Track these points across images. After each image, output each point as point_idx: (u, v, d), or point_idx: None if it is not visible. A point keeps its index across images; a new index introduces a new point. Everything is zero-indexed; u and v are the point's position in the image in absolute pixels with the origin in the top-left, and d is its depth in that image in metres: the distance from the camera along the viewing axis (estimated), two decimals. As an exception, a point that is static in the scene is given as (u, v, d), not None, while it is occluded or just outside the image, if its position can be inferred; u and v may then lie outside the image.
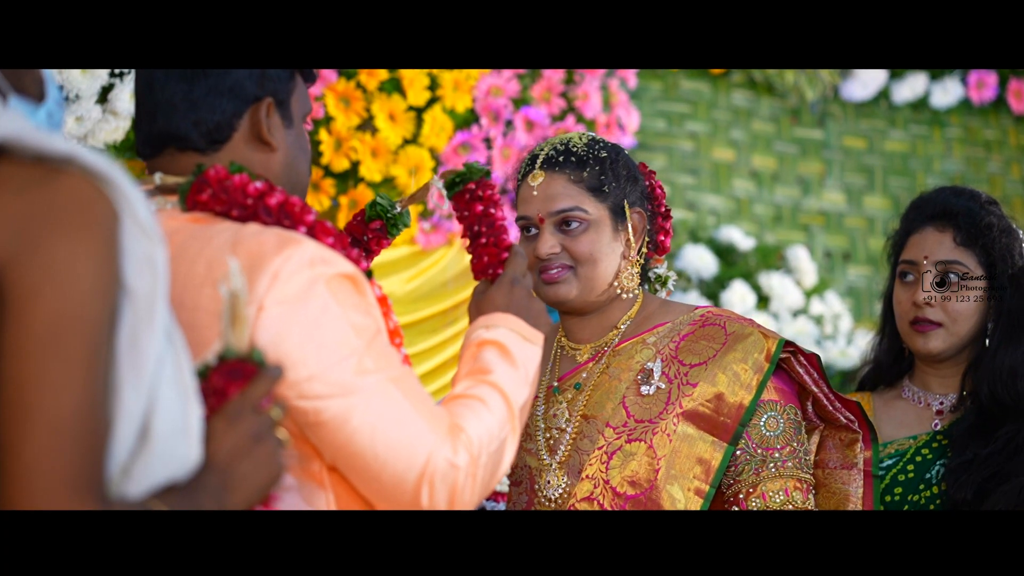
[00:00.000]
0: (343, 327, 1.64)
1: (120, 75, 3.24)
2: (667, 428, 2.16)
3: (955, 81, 5.09)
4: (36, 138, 1.32)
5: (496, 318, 1.85)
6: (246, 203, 1.71)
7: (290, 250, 1.63)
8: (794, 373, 2.24)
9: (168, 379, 1.36)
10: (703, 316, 2.26)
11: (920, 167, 5.21)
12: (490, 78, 3.86)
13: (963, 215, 2.54)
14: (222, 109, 1.77)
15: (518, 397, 1.78)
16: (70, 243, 1.29)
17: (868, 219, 5.06)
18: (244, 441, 1.43)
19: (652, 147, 4.74)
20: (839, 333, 4.62)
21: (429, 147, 3.80)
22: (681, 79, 4.80)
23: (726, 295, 4.47)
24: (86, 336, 1.29)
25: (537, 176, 2.23)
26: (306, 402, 1.64)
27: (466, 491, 1.68)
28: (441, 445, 1.67)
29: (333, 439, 1.66)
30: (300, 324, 1.62)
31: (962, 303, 2.52)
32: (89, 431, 1.29)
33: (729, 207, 4.86)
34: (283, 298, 1.62)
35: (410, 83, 3.73)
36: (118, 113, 3.25)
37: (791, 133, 5.02)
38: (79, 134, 3.23)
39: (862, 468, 2.26)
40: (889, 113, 5.16)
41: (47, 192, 1.30)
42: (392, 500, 1.68)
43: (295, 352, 1.62)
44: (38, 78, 1.49)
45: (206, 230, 1.70)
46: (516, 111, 3.92)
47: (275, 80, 1.80)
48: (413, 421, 1.67)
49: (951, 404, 2.57)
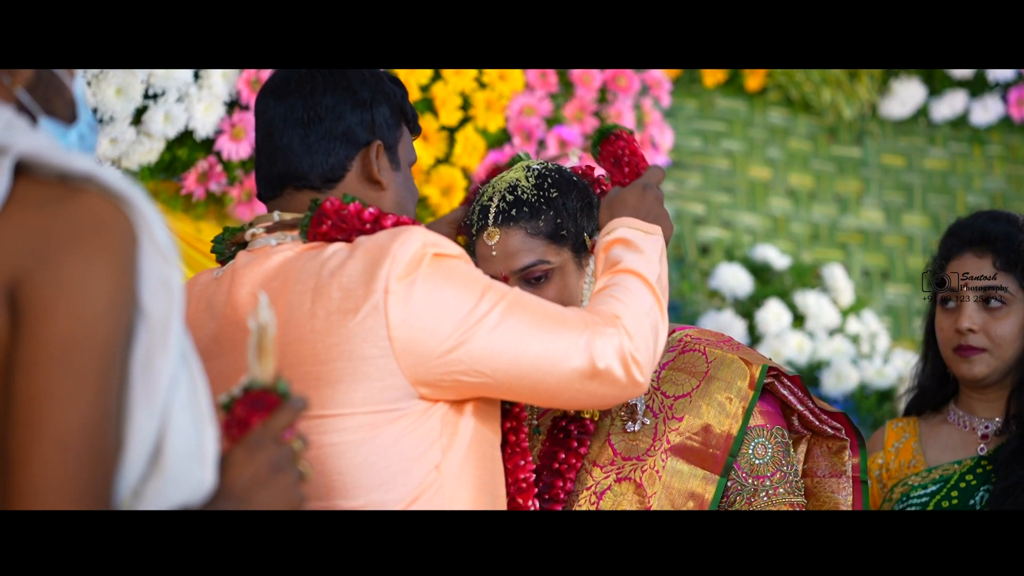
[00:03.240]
0: (460, 282, 1.83)
1: (154, 97, 3.28)
2: (655, 465, 2.13)
3: (995, 98, 5.04)
4: (57, 156, 1.34)
5: (614, 223, 2.07)
6: (364, 228, 1.88)
7: (404, 236, 1.82)
8: (778, 394, 2.21)
9: (182, 402, 1.37)
10: (681, 341, 2.23)
11: (960, 185, 5.16)
12: (522, 98, 3.87)
13: (1001, 240, 2.54)
14: (336, 152, 1.95)
15: (650, 273, 1.99)
16: (86, 261, 1.30)
17: (907, 237, 5.02)
18: (264, 471, 1.43)
19: (688, 166, 4.72)
20: (876, 352, 4.58)
21: (461, 167, 3.80)
22: (716, 97, 4.79)
23: (761, 314, 4.44)
24: (98, 354, 1.30)
25: (493, 234, 2.14)
26: (454, 354, 1.81)
27: (635, 353, 1.88)
28: (595, 326, 1.87)
29: (494, 370, 1.83)
30: (422, 294, 1.80)
31: (1005, 327, 2.52)
32: (97, 449, 1.29)
33: (765, 226, 4.83)
34: (401, 276, 1.79)
35: (442, 103, 3.74)
36: (152, 135, 3.28)
37: (828, 151, 4.99)
38: (113, 156, 3.26)
39: (851, 475, 2.23)
40: (928, 131, 5.12)
41: (66, 210, 1.31)
42: (576, 389, 1.87)
43: (427, 319, 1.80)
44: (69, 100, 1.51)
45: (322, 252, 1.87)
46: (549, 130, 3.92)
47: (383, 127, 1.98)
48: (560, 318, 1.87)
49: (996, 428, 2.57)
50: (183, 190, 3.44)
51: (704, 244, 4.69)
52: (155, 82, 3.25)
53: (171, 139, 3.36)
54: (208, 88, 3.34)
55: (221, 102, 3.38)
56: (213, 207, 3.53)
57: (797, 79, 4.80)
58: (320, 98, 1.95)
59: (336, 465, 1.80)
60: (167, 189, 3.46)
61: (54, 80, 1.48)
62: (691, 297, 4.49)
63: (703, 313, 4.46)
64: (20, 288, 1.30)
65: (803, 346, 4.44)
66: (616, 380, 1.88)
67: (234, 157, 3.42)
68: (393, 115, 2.00)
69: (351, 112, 1.96)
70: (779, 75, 4.78)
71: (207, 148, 3.43)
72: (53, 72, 1.48)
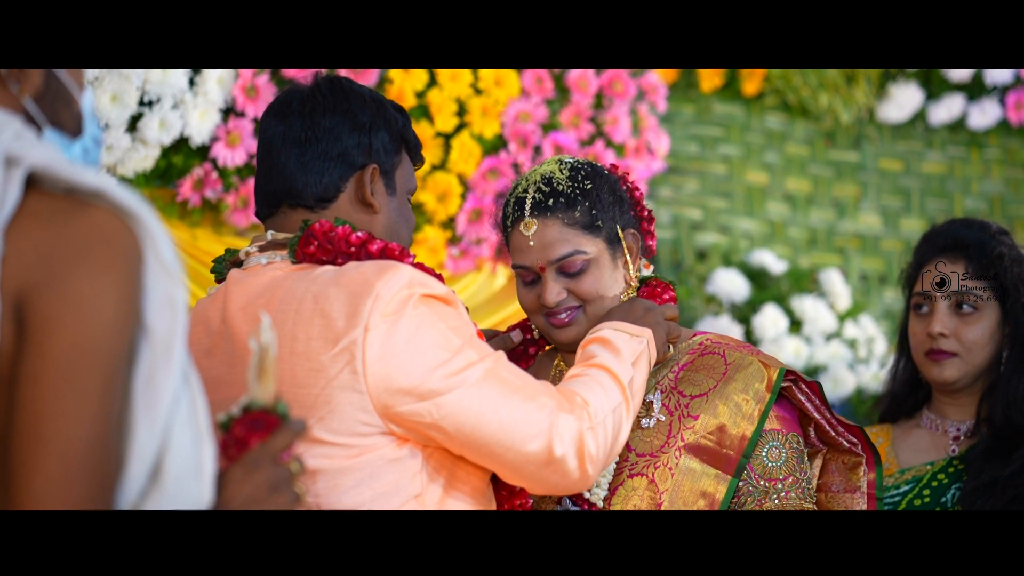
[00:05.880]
0: (442, 331, 1.83)
1: (149, 104, 3.28)
2: (669, 462, 2.14)
3: (993, 102, 5.04)
4: (67, 170, 1.34)
5: (602, 324, 2.11)
6: (349, 251, 1.90)
7: (390, 274, 1.82)
8: (795, 400, 2.22)
9: (183, 420, 1.37)
10: (702, 344, 2.25)
11: (958, 189, 5.16)
12: (518, 103, 3.87)
13: (974, 246, 2.57)
14: (330, 172, 1.96)
15: (623, 373, 2.00)
16: (93, 276, 1.30)
17: (905, 241, 5.01)
18: (260, 491, 1.44)
19: (685, 171, 4.72)
20: (873, 357, 4.58)
21: (457, 173, 3.81)
22: (713, 102, 4.79)
23: (758, 319, 4.44)
24: (102, 369, 1.30)
25: (530, 224, 2.17)
26: (422, 404, 1.81)
27: (591, 446, 1.88)
28: (561, 409, 1.87)
29: (457, 431, 1.82)
30: (402, 335, 1.80)
31: (976, 332, 2.56)
32: (99, 463, 1.30)
33: (763, 230, 4.83)
34: (385, 314, 1.80)
35: (438, 109, 3.74)
36: (147, 142, 3.29)
37: (826, 155, 4.99)
38: (109, 163, 3.27)
39: (865, 491, 2.24)
40: (926, 135, 5.12)
41: (74, 224, 1.32)
42: (527, 471, 1.87)
43: (403, 361, 1.80)
44: (77, 113, 1.51)
45: (310, 273, 1.88)
46: (545, 136, 3.92)
47: (380, 151, 1.99)
48: (530, 393, 1.87)
49: (967, 430, 2.60)
50: (179, 197, 3.44)
51: (701, 249, 4.69)
52: (150, 89, 3.25)
53: (166, 146, 3.37)
54: (203, 95, 3.35)
55: (216, 109, 3.38)
56: (209, 214, 3.54)
57: (794, 84, 4.79)
58: (319, 119, 1.97)
59: (313, 488, 1.81)
60: (163, 196, 3.47)
61: (63, 91, 1.49)
62: (688, 302, 4.48)
63: (700, 318, 4.45)
64: (27, 301, 1.30)
65: (800, 351, 4.44)
66: (568, 472, 1.88)
67: (229, 164, 3.42)
68: (393, 141, 2.02)
69: (348, 134, 1.98)
70: (776, 80, 4.77)
71: (202, 155, 3.44)
72: (62, 83, 1.48)
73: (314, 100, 1.99)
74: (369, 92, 2.03)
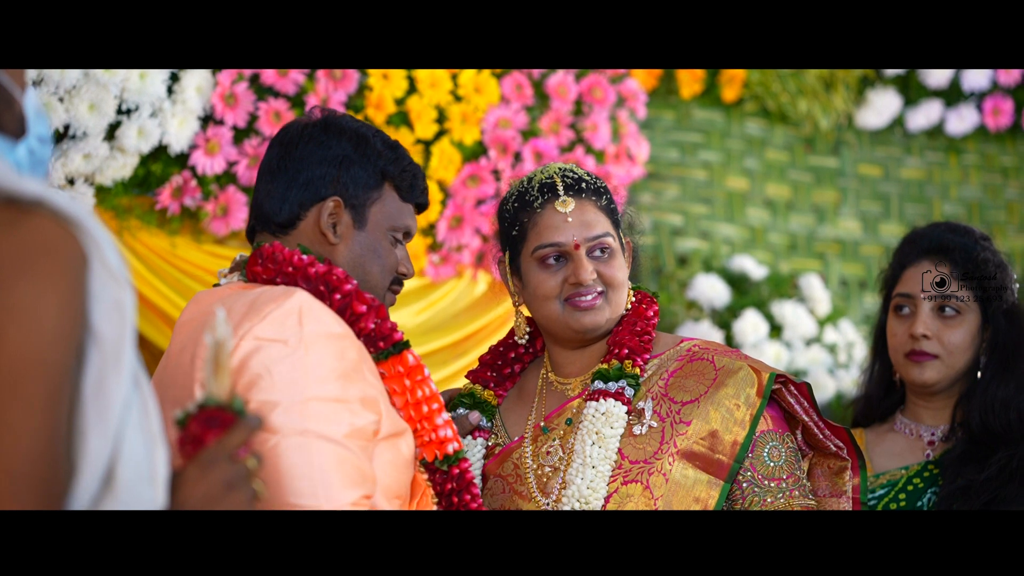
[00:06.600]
0: (300, 375, 1.82)
1: (128, 112, 3.26)
2: (663, 468, 2.14)
3: (970, 108, 5.06)
4: (7, 179, 1.32)
5: None
6: (287, 270, 1.94)
7: (285, 300, 1.85)
8: (784, 403, 2.23)
9: (134, 424, 1.36)
10: (689, 351, 2.25)
11: (936, 194, 5.18)
12: (498, 110, 3.86)
13: (959, 250, 2.58)
14: (291, 199, 2.03)
15: None
16: (35, 285, 1.28)
17: (884, 246, 5.02)
18: (216, 489, 1.43)
19: (665, 177, 4.73)
20: (853, 361, 4.58)
21: (438, 180, 3.80)
22: (693, 108, 4.79)
23: (738, 324, 4.44)
24: (47, 380, 1.28)
25: (568, 202, 2.22)
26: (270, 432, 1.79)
27: None
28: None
29: (272, 470, 1.79)
30: (263, 358, 1.81)
31: (958, 336, 2.56)
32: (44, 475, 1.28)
33: (743, 236, 4.84)
34: (260, 335, 1.83)
35: (418, 116, 3.74)
36: (126, 150, 3.27)
37: (805, 161, 5.00)
38: (87, 171, 3.25)
39: (851, 496, 2.25)
40: (904, 141, 5.13)
41: (15, 233, 1.29)
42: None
43: (254, 378, 1.81)
44: (18, 114, 1.48)
45: (242, 291, 1.94)
46: (525, 143, 3.91)
47: (349, 185, 2.04)
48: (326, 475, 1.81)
49: (942, 434, 2.60)
50: (158, 205, 3.43)
51: (682, 255, 4.69)
52: (128, 97, 3.24)
53: (145, 154, 3.35)
54: (182, 103, 3.33)
55: (195, 116, 3.37)
56: (188, 222, 3.52)
57: (773, 90, 4.80)
58: (293, 149, 2.05)
59: None
60: (141, 204, 3.45)
61: (2, 93, 1.46)
62: (669, 308, 4.48)
63: (681, 323, 4.45)
64: None
65: (780, 356, 4.44)
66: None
67: (208, 172, 3.41)
68: (371, 177, 2.05)
69: (316, 165, 2.04)
70: (755, 86, 4.78)
71: (181, 163, 3.42)
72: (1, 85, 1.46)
73: (299, 132, 2.07)
74: (360, 128, 2.08)
